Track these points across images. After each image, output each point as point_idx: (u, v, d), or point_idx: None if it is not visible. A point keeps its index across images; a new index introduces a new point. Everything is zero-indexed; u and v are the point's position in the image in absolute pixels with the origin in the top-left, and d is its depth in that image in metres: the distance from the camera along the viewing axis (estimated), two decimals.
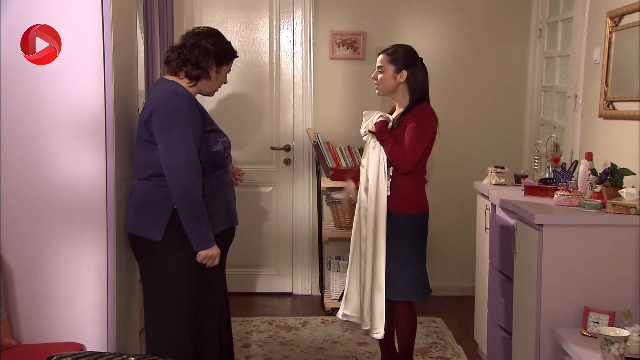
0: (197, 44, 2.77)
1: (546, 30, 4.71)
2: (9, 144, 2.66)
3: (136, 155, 2.82)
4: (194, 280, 2.78)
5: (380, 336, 3.29)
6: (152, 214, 2.73)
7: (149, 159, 2.73)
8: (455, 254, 5.01)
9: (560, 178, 3.36)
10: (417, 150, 3.22)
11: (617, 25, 3.40)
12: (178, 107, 2.68)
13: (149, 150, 2.72)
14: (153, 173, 2.73)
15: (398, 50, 3.32)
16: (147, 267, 2.82)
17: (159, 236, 2.71)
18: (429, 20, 4.96)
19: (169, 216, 2.71)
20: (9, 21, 2.61)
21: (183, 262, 2.74)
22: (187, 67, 2.77)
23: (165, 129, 2.66)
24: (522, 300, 3.04)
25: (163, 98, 2.71)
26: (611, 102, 3.44)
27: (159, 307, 2.78)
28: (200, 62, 2.77)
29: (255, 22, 4.95)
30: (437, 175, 5.00)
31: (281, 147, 5.03)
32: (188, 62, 2.76)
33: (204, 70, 2.79)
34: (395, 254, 3.25)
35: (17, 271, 2.70)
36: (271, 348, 4.03)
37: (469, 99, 4.99)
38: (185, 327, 2.77)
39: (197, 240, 2.70)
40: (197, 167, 2.68)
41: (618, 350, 2.41)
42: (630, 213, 2.83)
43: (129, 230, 2.81)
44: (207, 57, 2.77)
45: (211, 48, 2.78)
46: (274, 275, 5.14)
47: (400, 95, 3.32)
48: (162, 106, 2.68)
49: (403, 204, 3.25)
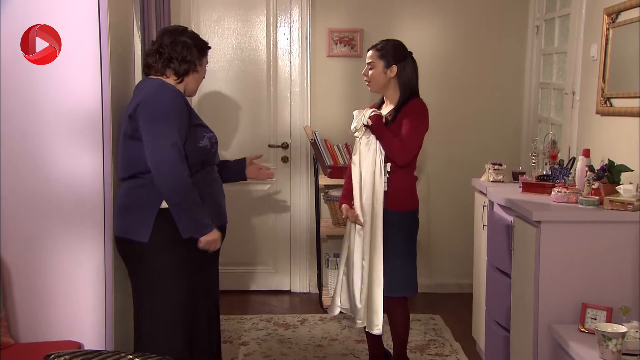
0: (175, 41, 2.78)
1: (543, 27, 4.71)
2: (7, 143, 2.65)
3: (120, 154, 2.75)
4: (184, 281, 2.73)
5: (380, 331, 3.29)
6: (137, 216, 2.68)
7: (133, 155, 2.68)
8: (453, 251, 5.02)
9: (558, 175, 3.37)
10: (415, 144, 3.24)
11: (614, 22, 3.40)
12: (165, 100, 2.65)
13: (133, 147, 2.67)
14: (137, 171, 2.68)
15: (387, 45, 3.32)
16: (135, 270, 2.76)
17: (145, 238, 2.66)
18: (426, 17, 4.95)
19: (155, 217, 2.66)
20: (9, 21, 2.61)
21: (172, 263, 2.70)
22: (174, 64, 2.76)
23: (151, 121, 2.61)
24: (520, 296, 3.04)
25: (150, 92, 2.67)
26: (608, 99, 3.44)
27: (149, 311, 2.72)
28: (187, 56, 2.78)
29: (252, 19, 4.94)
30: (435, 173, 5.00)
31: (279, 145, 5.02)
32: (174, 59, 2.76)
33: (192, 63, 2.79)
34: (391, 251, 3.27)
35: (15, 269, 2.70)
36: (269, 346, 4.03)
37: (467, 96, 4.99)
38: (177, 328, 2.73)
39: (195, 228, 2.66)
40: (183, 158, 2.62)
41: (616, 346, 2.42)
42: (628, 209, 2.83)
43: (116, 234, 2.76)
44: (190, 50, 2.79)
45: (190, 41, 2.80)
46: (272, 273, 5.14)
47: (391, 91, 3.34)
48: (149, 99, 2.64)
49: (397, 201, 3.27)
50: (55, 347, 2.54)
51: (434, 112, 3.34)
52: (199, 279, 2.83)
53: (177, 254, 2.69)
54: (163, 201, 2.66)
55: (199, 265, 2.81)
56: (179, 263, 2.71)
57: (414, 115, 3.24)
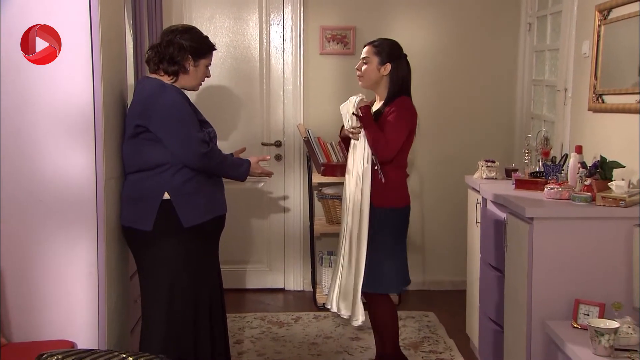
0: (171, 41, 2.86)
1: (536, 24, 4.72)
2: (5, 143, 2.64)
3: (125, 151, 2.89)
4: (188, 270, 2.84)
5: (358, 323, 3.31)
6: (141, 205, 2.82)
7: (137, 153, 2.83)
8: (446, 248, 5.03)
9: (551, 171, 3.38)
10: (399, 139, 3.24)
11: (606, 19, 3.41)
12: (171, 101, 2.78)
13: (137, 146, 2.82)
14: (140, 168, 2.83)
15: (384, 43, 3.35)
16: (140, 258, 2.88)
17: (149, 226, 2.78)
18: (419, 14, 4.96)
19: (158, 206, 2.78)
20: (9, 21, 2.60)
21: (175, 250, 2.81)
22: (164, 64, 2.86)
23: (167, 124, 2.76)
24: (513, 293, 3.05)
25: (152, 94, 2.79)
26: (600, 96, 3.45)
27: (154, 297, 2.85)
28: (175, 58, 2.85)
29: (244, 17, 4.93)
30: (428, 170, 5.00)
31: (272, 143, 5.02)
32: (164, 59, 2.85)
33: (181, 65, 2.87)
34: (380, 247, 3.27)
35: (7, 269, 2.69)
36: (263, 344, 4.03)
37: (459, 93, 5.00)
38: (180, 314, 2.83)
39: (239, 174, 2.97)
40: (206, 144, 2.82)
41: (608, 342, 2.43)
42: (620, 205, 2.84)
43: (122, 223, 2.89)
44: (181, 52, 2.86)
45: (186, 44, 2.86)
46: (266, 271, 5.14)
47: (382, 88, 3.35)
48: (156, 103, 2.77)
49: (388, 198, 3.28)
50: (48, 346, 2.53)
51: (427, 109, 3.35)
52: (202, 274, 2.91)
53: (181, 243, 2.82)
54: (166, 192, 2.79)
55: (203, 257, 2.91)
56: (183, 252, 2.83)
57: (397, 111, 3.24)
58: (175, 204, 2.79)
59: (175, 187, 2.79)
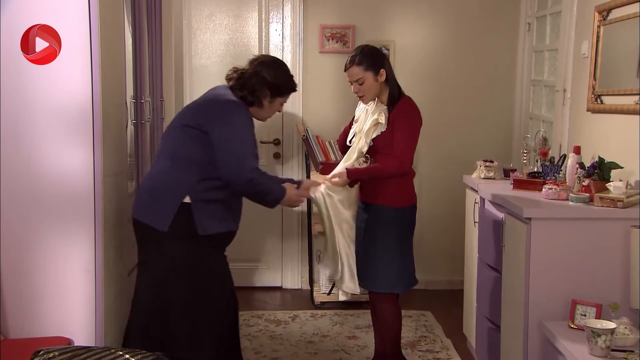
0: (257, 72, 2.87)
1: (535, 24, 4.72)
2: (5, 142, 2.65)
3: (172, 136, 2.85)
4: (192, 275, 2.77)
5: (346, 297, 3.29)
6: (160, 202, 2.74)
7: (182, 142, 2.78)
8: (444, 248, 5.03)
9: (549, 172, 3.38)
10: (412, 149, 3.19)
11: (605, 19, 3.41)
12: (244, 122, 2.82)
13: (179, 134, 2.80)
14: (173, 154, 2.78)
15: (364, 54, 3.23)
16: (145, 252, 2.82)
17: (165, 227, 2.72)
18: (418, 13, 4.95)
19: (177, 207, 2.72)
20: (9, 21, 2.60)
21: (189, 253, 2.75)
22: (244, 93, 2.86)
23: (229, 141, 2.75)
24: (511, 293, 3.05)
25: (227, 109, 2.80)
26: (599, 96, 3.45)
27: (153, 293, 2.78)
28: (256, 91, 2.86)
29: (244, 15, 4.93)
30: (427, 170, 5.00)
31: (270, 141, 5.02)
32: (245, 87, 2.86)
33: (258, 99, 2.88)
34: (386, 246, 3.24)
35: (5, 265, 2.69)
36: (261, 342, 4.03)
37: (458, 93, 5.00)
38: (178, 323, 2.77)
39: (276, 199, 3.00)
40: (256, 160, 2.86)
41: (605, 342, 2.43)
42: (618, 206, 2.85)
43: (136, 217, 2.81)
44: (262, 87, 2.87)
45: (270, 80, 2.87)
46: (263, 269, 5.14)
47: (383, 94, 3.26)
48: (229, 116, 2.78)
49: (393, 197, 3.24)
50: (45, 343, 2.53)
51: (426, 109, 3.32)
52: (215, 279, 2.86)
53: (190, 247, 2.75)
54: (187, 196, 2.73)
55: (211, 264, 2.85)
56: (197, 255, 2.76)
57: (407, 117, 3.18)
58: (194, 208, 2.72)
59: (198, 191, 2.73)
